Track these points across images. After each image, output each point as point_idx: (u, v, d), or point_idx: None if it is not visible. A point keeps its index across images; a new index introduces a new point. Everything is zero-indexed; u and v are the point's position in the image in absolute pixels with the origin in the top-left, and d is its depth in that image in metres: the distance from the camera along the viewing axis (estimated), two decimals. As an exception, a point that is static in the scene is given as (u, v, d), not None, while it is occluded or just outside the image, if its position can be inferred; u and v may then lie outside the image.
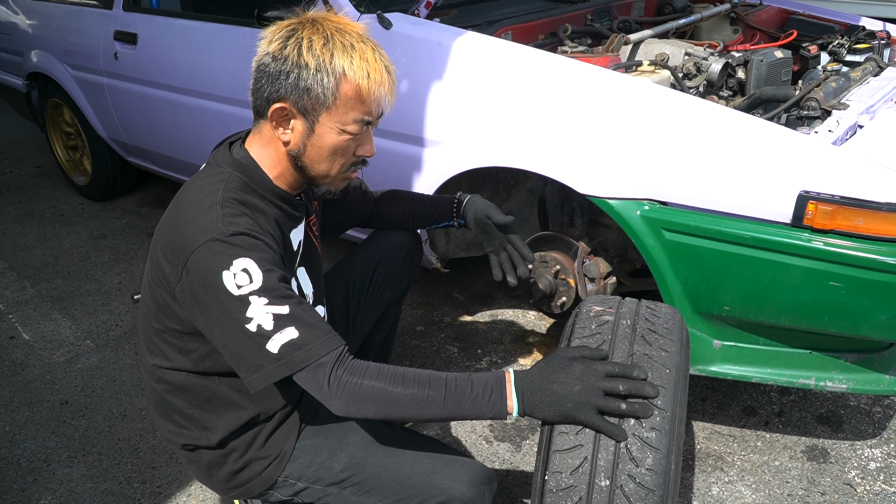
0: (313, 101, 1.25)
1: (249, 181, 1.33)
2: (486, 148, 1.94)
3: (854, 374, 1.76)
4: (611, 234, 2.16)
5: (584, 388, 1.18)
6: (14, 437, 2.18)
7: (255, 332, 1.19)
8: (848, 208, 1.52)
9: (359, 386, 1.19)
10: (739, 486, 1.93)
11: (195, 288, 1.22)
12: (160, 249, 1.30)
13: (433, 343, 2.56)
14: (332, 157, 1.32)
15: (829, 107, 1.89)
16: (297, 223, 1.43)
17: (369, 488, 1.39)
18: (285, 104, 1.26)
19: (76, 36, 3.29)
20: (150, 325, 1.39)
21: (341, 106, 1.26)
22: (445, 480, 1.35)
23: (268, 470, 1.43)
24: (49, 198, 4.01)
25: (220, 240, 1.20)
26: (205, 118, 2.72)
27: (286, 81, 1.25)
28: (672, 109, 1.72)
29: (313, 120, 1.28)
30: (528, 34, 2.45)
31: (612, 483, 1.18)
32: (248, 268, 1.19)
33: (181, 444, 1.47)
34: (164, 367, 1.40)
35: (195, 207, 1.26)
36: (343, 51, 1.24)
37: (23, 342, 2.67)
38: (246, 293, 1.18)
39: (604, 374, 1.19)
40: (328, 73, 1.24)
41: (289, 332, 1.19)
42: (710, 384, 2.30)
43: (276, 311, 1.19)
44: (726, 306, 1.72)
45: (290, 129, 1.30)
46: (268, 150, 1.34)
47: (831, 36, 2.72)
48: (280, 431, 1.45)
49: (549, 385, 1.20)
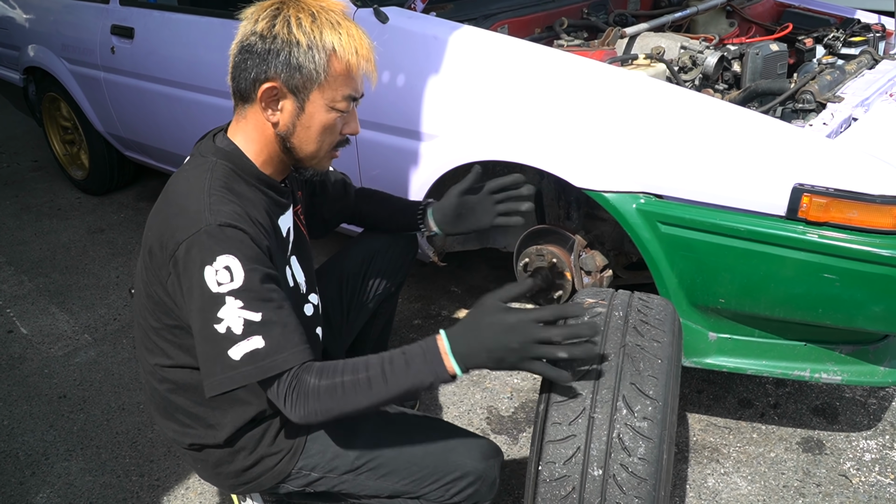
0: (304, 79, 1.25)
1: (235, 168, 1.32)
2: (483, 142, 1.95)
3: (849, 366, 1.77)
4: (607, 227, 2.16)
5: (521, 341, 1.17)
6: (12, 430, 2.19)
7: (223, 335, 1.17)
8: (842, 201, 1.53)
9: (307, 404, 1.19)
10: (735, 478, 1.94)
11: (181, 279, 1.22)
12: (151, 244, 1.29)
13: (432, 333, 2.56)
14: (322, 136, 1.32)
15: (824, 100, 1.90)
16: (284, 210, 1.42)
17: (385, 472, 1.40)
18: (275, 83, 1.25)
19: (73, 30, 3.28)
20: (147, 325, 1.38)
21: (332, 82, 1.26)
22: (458, 457, 1.38)
23: (280, 464, 1.43)
24: (46, 192, 4.01)
25: (206, 231, 1.19)
26: (201, 112, 2.72)
27: (276, 60, 1.24)
28: (668, 103, 1.72)
29: (304, 98, 1.27)
30: (525, 28, 2.45)
31: (605, 472, 1.19)
32: (230, 265, 1.18)
33: (187, 445, 1.45)
34: (166, 366, 1.39)
35: (183, 199, 1.26)
36: (332, 28, 1.24)
37: (21, 336, 2.67)
38: (224, 291, 1.17)
39: (536, 320, 1.18)
40: (319, 50, 1.23)
41: (255, 341, 1.17)
42: (706, 376, 2.31)
43: (248, 316, 1.17)
44: (721, 299, 1.73)
45: (279, 109, 1.29)
46: (253, 136, 1.33)
47: (826, 29, 2.72)
48: (290, 425, 1.43)
49: (483, 338, 1.19)
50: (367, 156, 2.23)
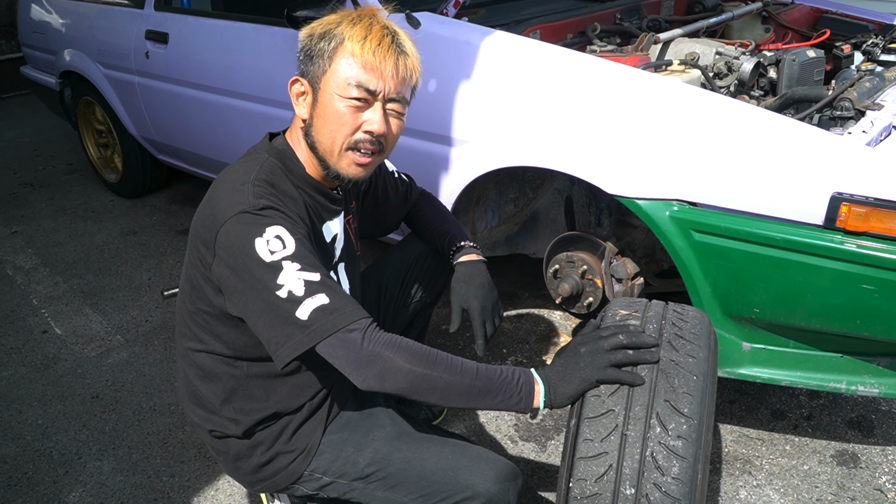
0: (316, 68, 1.31)
1: (284, 168, 1.36)
2: (514, 147, 1.94)
3: (887, 379, 1.73)
4: (638, 234, 2.14)
5: (591, 367, 1.24)
6: (46, 429, 2.22)
7: (285, 299, 1.19)
8: (882, 210, 1.50)
9: (390, 359, 1.19)
10: (768, 490, 1.91)
11: (228, 260, 1.23)
12: (197, 229, 1.32)
13: (458, 342, 2.56)
14: (333, 126, 1.31)
15: (863, 107, 1.86)
16: (332, 216, 1.45)
17: (394, 483, 1.39)
18: (298, 77, 1.34)
19: (108, 35, 3.33)
20: (184, 309, 1.42)
21: (337, 69, 1.29)
22: (470, 476, 1.35)
23: (294, 464, 1.45)
24: (81, 194, 4.07)
25: (249, 212, 1.23)
26: (234, 116, 2.75)
27: (302, 57, 1.33)
28: (702, 109, 1.70)
29: (317, 88, 1.32)
30: (557, 33, 2.44)
31: (638, 492, 1.17)
32: (280, 235, 1.21)
33: (209, 430, 1.48)
34: (197, 350, 1.43)
35: (228, 186, 1.30)
36: (350, 22, 1.29)
37: (55, 336, 2.71)
38: (279, 259, 1.19)
39: (607, 349, 1.25)
40: (330, 38, 1.29)
41: (320, 298, 1.19)
42: (739, 387, 2.28)
43: (307, 277, 1.20)
44: (756, 308, 1.71)
45: (304, 103, 1.35)
46: (297, 137, 1.39)
47: (865, 35, 2.68)
48: (307, 425, 1.46)
49: (564, 374, 1.25)
50: (398, 161, 2.23)
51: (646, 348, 1.26)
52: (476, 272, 1.66)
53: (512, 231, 2.44)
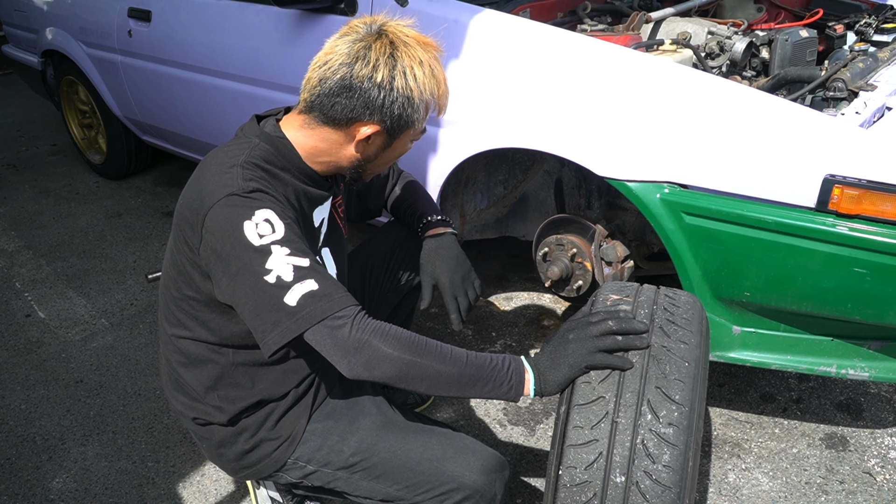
0: (404, 125, 1.29)
1: (276, 154, 1.31)
2: (502, 128, 1.91)
3: (877, 362, 1.72)
4: (629, 217, 2.12)
5: (580, 353, 1.23)
6: (29, 414, 2.19)
7: (273, 284, 1.16)
8: (875, 193, 1.48)
9: (378, 347, 1.16)
10: (756, 474, 1.90)
11: (215, 244, 1.20)
12: (182, 212, 1.29)
13: (447, 325, 2.54)
14: (393, 158, 1.38)
15: (856, 88, 1.84)
16: (321, 202, 1.42)
17: (378, 474, 1.38)
18: (378, 127, 1.27)
19: (90, 13, 3.27)
20: (168, 294, 1.39)
21: (420, 122, 1.31)
22: (456, 467, 1.33)
23: (278, 451, 1.43)
24: (65, 176, 4.02)
25: (238, 194, 1.19)
26: (219, 96, 2.70)
27: (389, 110, 1.25)
28: (694, 90, 1.68)
29: (395, 137, 1.31)
30: (547, 12, 2.40)
31: (628, 479, 1.15)
32: (269, 218, 1.19)
33: (192, 418, 1.46)
34: (182, 337, 1.40)
35: (216, 168, 1.26)
36: (432, 78, 1.27)
37: (38, 320, 2.68)
38: (268, 242, 1.17)
39: (596, 335, 1.24)
40: (422, 102, 1.27)
41: (308, 284, 1.17)
42: (728, 370, 2.27)
43: (296, 262, 1.17)
44: (747, 292, 1.69)
45: (369, 143, 1.31)
46: (316, 144, 1.32)
47: (858, 15, 2.65)
48: (292, 413, 1.44)
49: (552, 361, 1.24)
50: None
51: (635, 334, 1.24)
52: (442, 245, 1.64)
53: (501, 213, 2.42)
